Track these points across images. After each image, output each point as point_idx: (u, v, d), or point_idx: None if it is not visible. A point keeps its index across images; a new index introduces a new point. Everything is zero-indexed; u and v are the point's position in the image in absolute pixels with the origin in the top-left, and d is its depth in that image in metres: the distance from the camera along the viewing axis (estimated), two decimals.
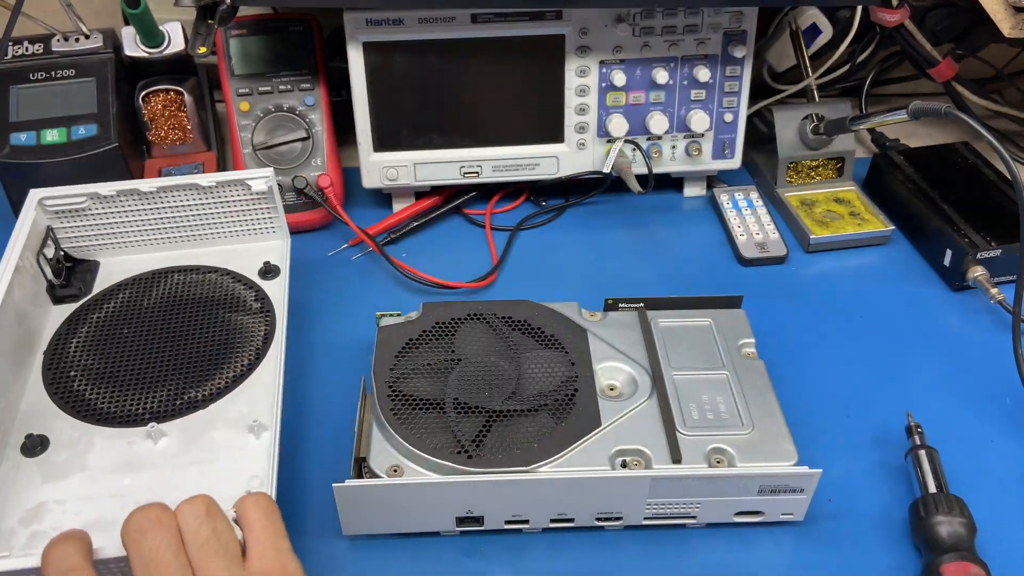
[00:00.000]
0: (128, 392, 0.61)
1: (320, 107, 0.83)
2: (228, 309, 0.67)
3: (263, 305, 0.67)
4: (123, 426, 0.59)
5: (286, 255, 0.72)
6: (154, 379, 0.62)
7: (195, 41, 0.72)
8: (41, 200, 0.68)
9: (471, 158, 0.83)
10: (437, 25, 0.77)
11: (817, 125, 0.84)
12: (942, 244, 0.78)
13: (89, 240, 0.71)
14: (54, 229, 0.69)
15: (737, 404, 0.60)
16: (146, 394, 0.60)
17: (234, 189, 0.70)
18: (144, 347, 0.64)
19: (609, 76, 0.81)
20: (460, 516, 0.56)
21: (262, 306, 0.67)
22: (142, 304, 0.67)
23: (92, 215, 0.69)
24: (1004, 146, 0.66)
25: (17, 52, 0.83)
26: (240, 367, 0.62)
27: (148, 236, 0.71)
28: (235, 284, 0.69)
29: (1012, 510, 0.60)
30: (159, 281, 0.69)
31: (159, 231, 0.71)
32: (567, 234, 0.85)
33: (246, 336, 0.65)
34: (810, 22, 0.91)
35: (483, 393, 0.59)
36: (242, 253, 0.72)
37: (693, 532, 0.59)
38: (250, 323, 0.66)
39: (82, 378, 0.62)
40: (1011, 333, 0.71)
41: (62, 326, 0.66)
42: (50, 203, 0.68)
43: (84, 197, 0.68)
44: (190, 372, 0.62)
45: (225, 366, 0.62)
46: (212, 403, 0.60)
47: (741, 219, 0.84)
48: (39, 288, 0.66)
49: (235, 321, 0.66)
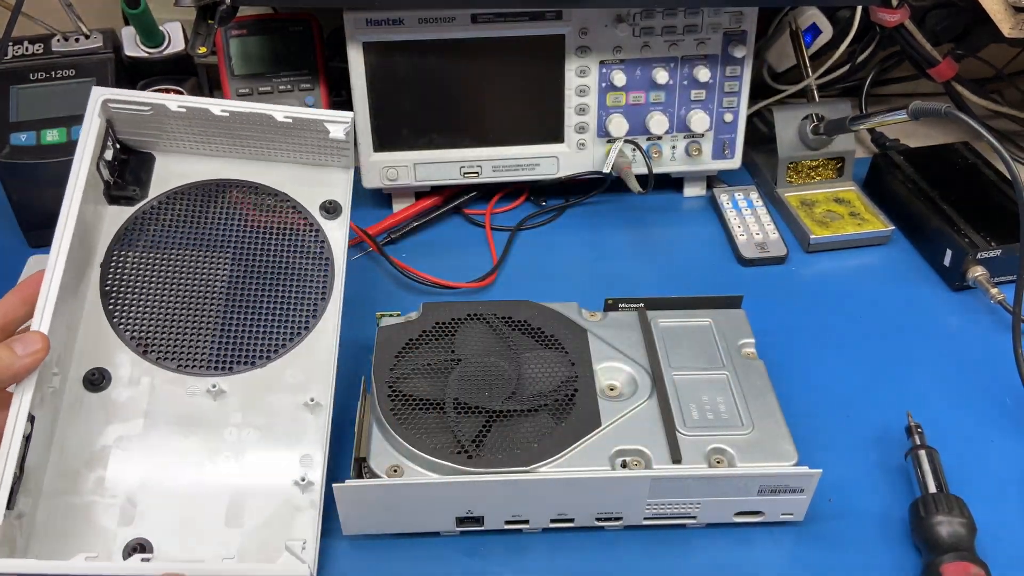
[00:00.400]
0: (188, 332, 0.59)
1: (320, 107, 0.83)
2: (288, 248, 0.63)
3: (322, 249, 0.64)
4: (184, 372, 0.58)
5: (348, 192, 0.67)
6: (213, 321, 0.60)
7: (195, 41, 0.72)
8: (105, 101, 0.61)
9: (471, 158, 0.83)
10: (437, 25, 0.77)
11: (817, 125, 0.84)
12: (942, 244, 0.78)
13: (149, 134, 0.65)
14: (114, 127, 0.63)
15: (737, 404, 0.60)
16: (206, 338, 0.59)
17: (309, 132, 0.64)
18: (202, 279, 0.61)
19: (609, 76, 0.81)
20: (460, 516, 0.56)
21: (321, 250, 0.64)
22: (201, 222, 0.63)
23: (156, 119, 0.63)
24: (1004, 146, 0.66)
25: (17, 52, 0.83)
26: (299, 323, 0.61)
27: (210, 145, 0.66)
28: (297, 217, 0.65)
29: (1012, 510, 0.60)
30: (219, 195, 0.65)
31: (222, 142, 0.66)
32: (567, 234, 0.85)
33: (305, 286, 0.62)
34: (810, 22, 0.91)
35: (483, 393, 0.59)
36: (304, 180, 0.66)
37: (693, 532, 0.59)
38: (310, 270, 0.63)
39: (141, 306, 0.60)
40: (1011, 333, 0.71)
41: (119, 234, 0.62)
42: (114, 106, 0.62)
43: (149, 107, 0.62)
44: (249, 320, 0.60)
45: (285, 320, 0.61)
46: (271, 362, 0.59)
47: (741, 219, 0.85)
48: (97, 191, 0.61)
49: (295, 265, 0.63)
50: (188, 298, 0.61)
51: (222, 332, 0.60)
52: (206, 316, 0.60)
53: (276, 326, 0.61)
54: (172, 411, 0.57)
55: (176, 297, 0.60)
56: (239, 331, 0.60)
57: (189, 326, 0.60)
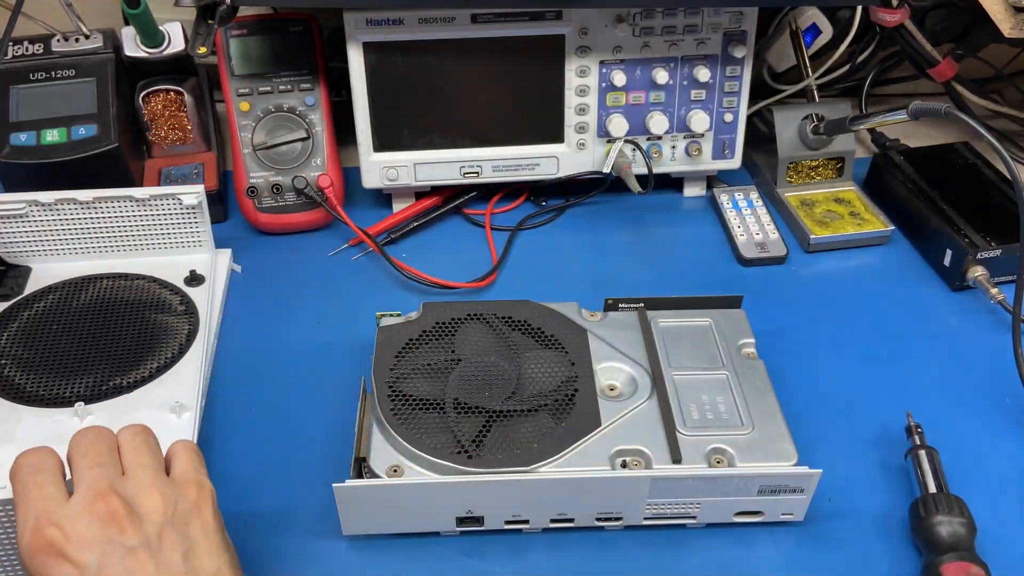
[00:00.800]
0: (56, 378, 0.65)
1: (320, 107, 0.83)
2: (153, 311, 0.71)
3: (187, 308, 0.72)
4: (51, 407, 0.63)
5: (211, 266, 0.76)
6: (81, 368, 0.66)
7: (195, 41, 0.72)
8: None
9: (471, 158, 0.83)
10: (437, 25, 0.77)
11: (817, 125, 0.84)
12: (942, 244, 0.78)
13: (23, 245, 0.74)
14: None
15: (737, 404, 0.60)
16: (74, 380, 0.65)
17: (167, 202, 0.74)
18: (72, 341, 0.68)
19: (609, 76, 0.81)
20: (460, 516, 0.56)
21: (186, 308, 0.72)
22: (71, 304, 0.72)
23: (30, 221, 0.73)
24: (1004, 146, 0.66)
25: (17, 52, 0.83)
26: (164, 359, 0.67)
27: (81, 244, 0.75)
28: (161, 290, 0.74)
29: (1012, 510, 0.60)
30: (89, 285, 0.74)
31: (93, 240, 0.75)
32: (567, 234, 0.85)
33: (170, 334, 0.69)
34: (810, 22, 0.91)
35: (483, 393, 0.59)
36: (170, 264, 0.76)
37: (693, 532, 0.59)
38: (174, 323, 0.70)
39: (12, 365, 0.66)
40: (1011, 333, 0.71)
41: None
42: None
43: (24, 204, 0.72)
44: (116, 362, 0.67)
45: (149, 358, 0.67)
46: (136, 389, 0.65)
47: (741, 219, 0.85)
48: None
49: (160, 321, 0.71)
50: (59, 355, 0.67)
51: (93, 377, 0.66)
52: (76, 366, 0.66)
53: (143, 365, 0.67)
54: (39, 435, 0.61)
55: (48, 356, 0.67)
56: (108, 374, 0.66)
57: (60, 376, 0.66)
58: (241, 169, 0.82)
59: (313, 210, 0.83)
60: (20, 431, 0.61)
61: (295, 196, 0.82)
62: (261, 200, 0.82)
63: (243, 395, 0.68)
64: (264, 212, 0.83)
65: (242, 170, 0.82)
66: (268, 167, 0.82)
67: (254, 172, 0.82)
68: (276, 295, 0.78)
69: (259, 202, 0.82)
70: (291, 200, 0.83)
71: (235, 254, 0.80)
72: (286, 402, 0.68)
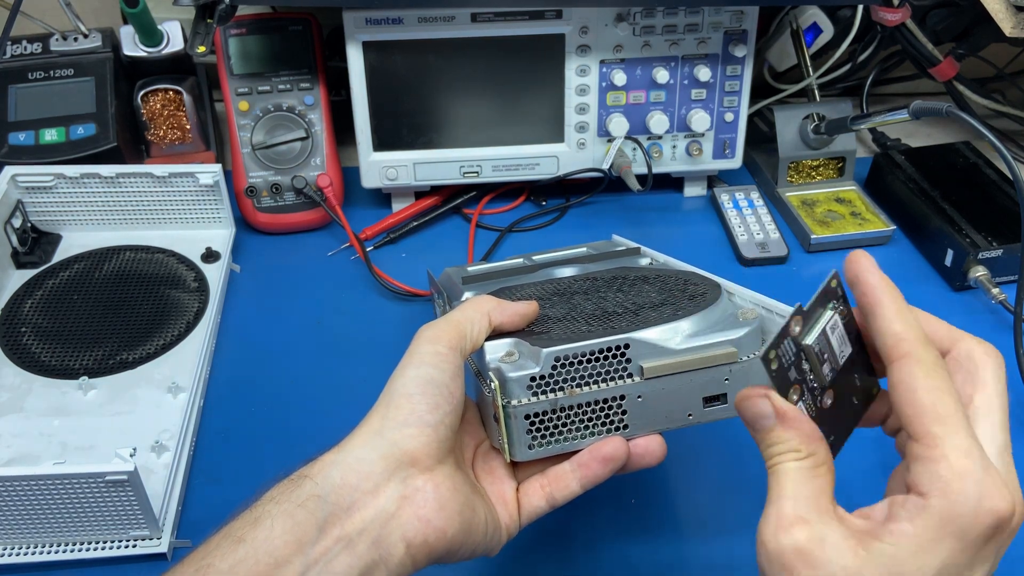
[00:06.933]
0: (68, 349, 0.69)
1: (319, 107, 0.82)
2: (168, 286, 0.75)
3: (200, 285, 0.75)
4: (60, 378, 0.66)
5: (228, 243, 0.79)
6: (93, 340, 0.69)
7: (194, 40, 0.72)
8: (13, 176, 0.76)
9: (471, 158, 0.83)
10: (437, 24, 0.77)
11: (818, 125, 0.84)
12: (943, 244, 0.78)
13: (54, 215, 0.79)
14: (24, 203, 0.77)
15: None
16: (84, 352, 0.69)
17: (184, 180, 0.77)
18: (89, 312, 0.72)
19: (609, 75, 0.81)
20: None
21: (199, 286, 0.75)
22: (94, 275, 0.75)
23: (58, 193, 0.77)
24: (1005, 146, 0.66)
25: (16, 51, 0.83)
26: (170, 336, 0.70)
27: (108, 216, 0.79)
28: (179, 265, 0.77)
29: None
30: (112, 256, 0.77)
31: (118, 212, 0.79)
32: (567, 234, 0.85)
33: (180, 310, 0.73)
34: (811, 21, 0.91)
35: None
36: (190, 238, 0.79)
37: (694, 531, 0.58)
38: (185, 299, 0.74)
39: (31, 334, 0.70)
40: (1012, 333, 0.71)
41: (20, 288, 0.74)
42: (21, 179, 0.76)
43: (51, 176, 0.76)
44: (125, 337, 0.70)
45: (156, 334, 0.70)
46: (140, 365, 0.68)
47: (742, 219, 0.84)
48: (4, 253, 0.74)
49: (172, 297, 0.74)
50: (74, 327, 0.71)
51: (102, 350, 0.69)
52: (88, 338, 0.70)
53: (150, 341, 0.70)
54: (45, 405, 0.64)
55: (64, 326, 0.71)
56: (116, 348, 0.69)
57: (72, 347, 0.69)
58: (240, 169, 0.82)
59: (312, 210, 0.83)
60: (29, 402, 0.65)
61: (294, 196, 0.82)
62: (260, 200, 0.82)
63: (242, 394, 0.68)
64: (263, 212, 0.82)
65: (241, 170, 0.82)
66: (267, 167, 0.82)
67: (253, 172, 0.82)
68: (275, 295, 0.78)
69: (258, 202, 0.82)
70: (290, 200, 0.82)
71: (234, 254, 0.80)
72: (285, 402, 0.68)
